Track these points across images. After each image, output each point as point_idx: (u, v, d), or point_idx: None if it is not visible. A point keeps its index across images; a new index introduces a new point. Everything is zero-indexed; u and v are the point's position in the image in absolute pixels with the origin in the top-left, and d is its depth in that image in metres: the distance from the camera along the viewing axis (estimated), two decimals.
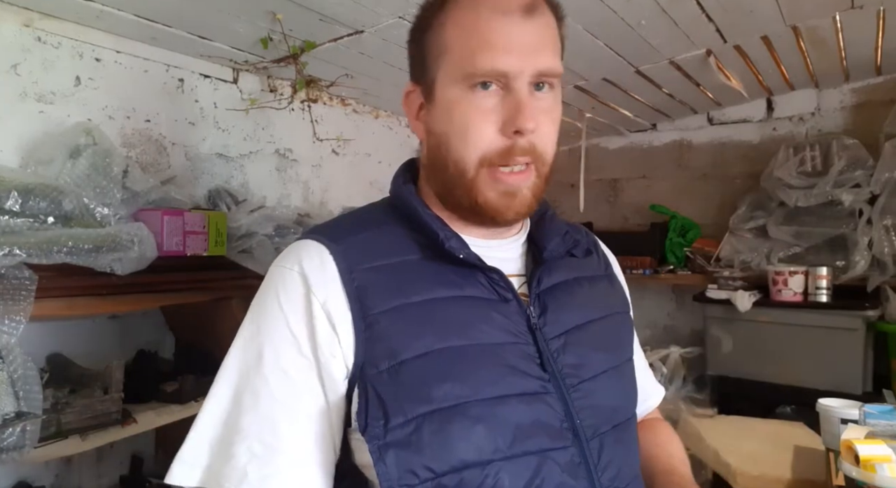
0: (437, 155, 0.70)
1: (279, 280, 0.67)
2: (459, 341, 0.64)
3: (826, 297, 2.08)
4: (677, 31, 1.72)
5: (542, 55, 0.66)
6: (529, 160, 0.67)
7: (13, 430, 1.00)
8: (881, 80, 2.31)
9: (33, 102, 1.34)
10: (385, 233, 0.70)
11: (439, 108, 0.69)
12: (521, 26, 0.65)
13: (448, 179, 0.69)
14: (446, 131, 0.68)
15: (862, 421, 1.20)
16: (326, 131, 2.05)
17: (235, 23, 1.44)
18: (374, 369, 0.62)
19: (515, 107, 0.65)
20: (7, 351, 1.02)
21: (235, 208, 1.63)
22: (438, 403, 0.61)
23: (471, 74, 0.64)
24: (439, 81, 0.68)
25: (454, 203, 0.71)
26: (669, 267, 2.57)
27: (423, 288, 0.66)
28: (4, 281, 1.03)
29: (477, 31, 0.65)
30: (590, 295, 0.78)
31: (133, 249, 1.20)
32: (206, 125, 1.71)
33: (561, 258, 0.77)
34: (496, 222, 0.71)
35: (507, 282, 0.69)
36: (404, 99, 0.75)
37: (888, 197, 2.07)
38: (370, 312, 0.63)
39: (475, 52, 0.64)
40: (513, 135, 0.65)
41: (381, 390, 0.61)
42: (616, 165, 2.94)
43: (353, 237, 0.69)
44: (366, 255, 0.67)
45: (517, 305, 0.69)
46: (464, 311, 0.66)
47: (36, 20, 1.33)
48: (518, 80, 0.65)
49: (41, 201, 1.14)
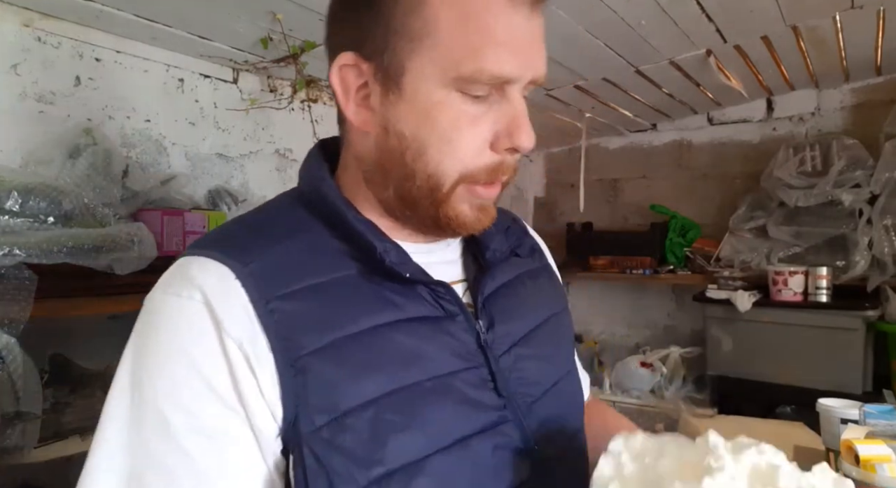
0: (400, 161, 0.56)
1: (175, 313, 0.51)
2: (411, 377, 0.53)
3: (826, 297, 2.08)
4: (677, 31, 1.72)
5: (540, 58, 0.56)
6: (509, 178, 0.59)
7: (13, 430, 1.00)
8: (881, 80, 2.31)
9: (33, 102, 1.34)
10: (302, 242, 0.56)
11: (410, 105, 0.54)
12: (528, 22, 0.53)
13: (411, 190, 0.57)
14: (421, 137, 0.54)
15: (862, 421, 1.20)
16: (326, 131, 2.03)
17: (235, 23, 1.44)
18: (311, 426, 0.49)
19: (513, 120, 0.55)
20: (7, 351, 1.02)
21: (235, 208, 1.63)
22: (396, 462, 0.50)
23: (470, 76, 0.52)
24: (414, 71, 0.53)
25: (411, 215, 0.59)
26: (669, 267, 2.57)
27: (359, 314, 0.53)
28: (4, 281, 1.03)
29: (479, 22, 0.51)
30: (532, 294, 0.70)
31: (133, 249, 1.20)
32: (206, 125, 1.71)
33: (504, 260, 0.68)
34: (456, 234, 0.62)
35: (453, 295, 0.59)
36: (336, 71, 0.57)
37: (888, 197, 2.07)
38: (299, 354, 0.50)
39: (479, 48, 0.51)
40: (504, 151, 0.56)
41: (321, 454, 0.48)
42: (616, 165, 2.94)
43: (262, 251, 0.53)
44: (283, 276, 0.52)
45: (464, 320, 0.59)
46: (410, 338, 0.55)
47: (36, 20, 1.33)
48: (516, 87, 0.55)
49: (41, 201, 1.14)
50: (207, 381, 0.49)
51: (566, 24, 1.58)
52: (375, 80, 0.55)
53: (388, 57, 0.54)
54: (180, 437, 0.48)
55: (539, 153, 3.15)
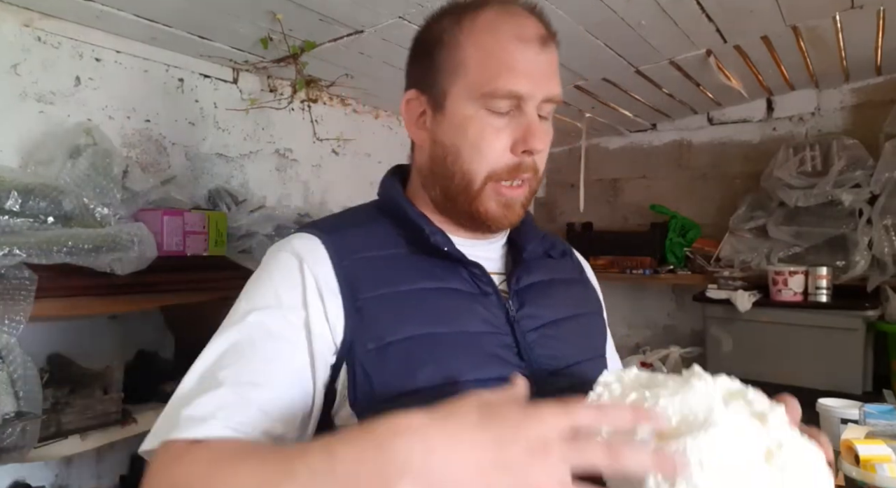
0: (443, 164, 0.74)
1: (273, 261, 0.72)
2: (442, 328, 0.69)
3: (826, 297, 2.07)
4: (677, 31, 1.72)
5: (552, 82, 0.72)
6: (530, 177, 0.73)
7: (13, 430, 1.00)
8: (881, 80, 2.31)
9: (33, 102, 1.34)
10: (373, 229, 0.76)
11: (450, 122, 0.73)
12: (538, 55, 0.70)
13: (451, 188, 0.74)
14: (457, 144, 0.72)
15: (862, 421, 1.21)
16: (326, 131, 2.05)
17: (235, 23, 1.44)
18: (363, 348, 0.66)
19: (527, 128, 0.70)
20: (7, 351, 1.02)
21: (235, 208, 1.63)
22: (419, 383, 0.65)
23: (489, 94, 0.69)
24: (453, 96, 0.72)
25: (452, 209, 0.76)
26: (669, 267, 2.57)
27: (409, 278, 0.71)
28: (4, 281, 1.03)
29: (497, 55, 0.70)
30: (564, 295, 0.83)
31: (133, 249, 1.20)
32: (206, 125, 1.71)
33: (539, 259, 0.83)
34: (490, 229, 0.77)
35: (487, 277, 0.75)
36: (405, 105, 0.78)
37: (888, 197, 2.07)
38: (359, 297, 0.68)
39: (495, 75, 0.69)
40: (521, 154, 0.71)
41: (368, 368, 0.66)
42: (616, 165, 2.94)
43: (343, 231, 0.74)
44: (355, 247, 0.72)
45: (497, 299, 0.74)
46: (447, 302, 0.71)
47: (36, 20, 1.33)
48: (530, 104, 0.70)
49: (41, 201, 1.14)
50: (280, 299, 0.67)
51: (566, 24, 1.58)
52: (429, 106, 0.75)
53: (436, 88, 0.73)
54: (252, 330, 0.65)
55: None
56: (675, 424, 0.51)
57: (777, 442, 0.51)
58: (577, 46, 1.72)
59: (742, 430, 0.50)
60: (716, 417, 0.50)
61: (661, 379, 0.58)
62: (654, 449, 0.49)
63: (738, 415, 0.52)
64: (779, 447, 0.51)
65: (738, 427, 0.50)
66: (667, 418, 0.51)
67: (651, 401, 0.53)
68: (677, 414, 0.52)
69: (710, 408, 0.51)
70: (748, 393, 0.56)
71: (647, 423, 0.49)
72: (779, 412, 0.54)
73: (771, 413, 0.53)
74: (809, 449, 0.53)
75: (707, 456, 0.48)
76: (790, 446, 0.51)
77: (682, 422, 0.51)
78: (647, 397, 0.54)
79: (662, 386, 0.55)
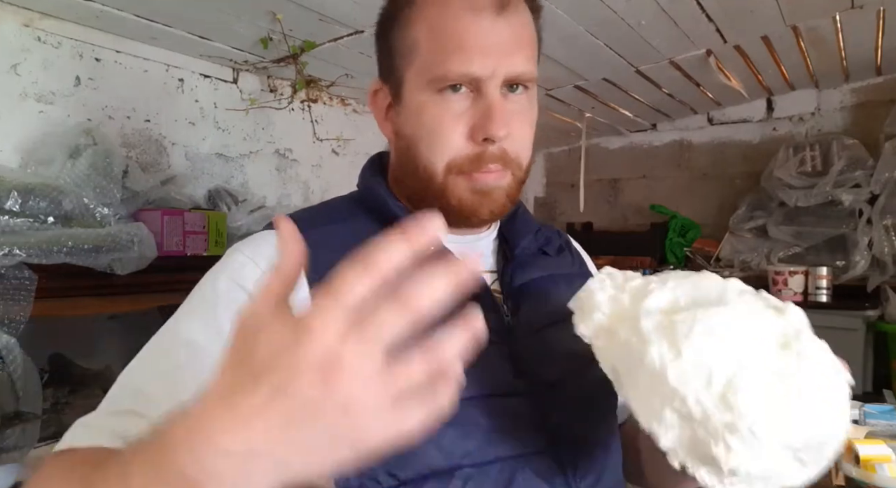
0: (407, 158, 0.66)
1: (229, 264, 0.64)
2: None
3: (826, 297, 2.08)
4: (677, 31, 1.72)
5: (515, 57, 0.62)
6: (500, 167, 0.64)
7: (13, 430, 1.00)
8: (881, 80, 2.31)
9: (33, 102, 1.34)
10: (350, 226, 0.66)
11: (408, 111, 0.65)
12: (494, 25, 0.61)
13: (418, 183, 0.66)
14: (416, 134, 0.64)
15: (862, 421, 1.21)
16: (326, 131, 2.05)
17: (235, 23, 1.44)
18: None
19: (485, 112, 0.61)
20: (7, 351, 1.02)
21: (235, 208, 1.63)
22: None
23: (440, 78, 0.61)
24: (408, 82, 0.64)
25: (425, 205, 0.66)
26: (670, 267, 2.57)
27: None
28: (4, 281, 1.03)
29: (446, 31, 0.61)
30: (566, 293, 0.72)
31: (133, 249, 1.20)
32: (206, 125, 1.71)
33: (533, 255, 0.74)
34: (470, 222, 0.68)
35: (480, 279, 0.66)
36: (371, 97, 0.70)
37: (888, 197, 2.07)
38: None
39: (445, 55, 0.60)
40: (482, 142, 0.62)
41: None
42: (616, 165, 2.94)
43: (314, 229, 0.62)
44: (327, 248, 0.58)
45: (490, 302, 0.66)
46: None
47: (36, 20, 1.33)
48: (489, 84, 0.61)
49: (41, 201, 1.14)
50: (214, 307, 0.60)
51: (566, 24, 1.58)
52: (391, 96, 0.67)
53: (395, 75, 0.66)
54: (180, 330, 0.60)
55: (539, 153, 3.15)
56: (684, 304, 0.46)
57: (796, 331, 0.46)
58: (577, 46, 1.72)
59: (758, 313, 0.45)
60: (728, 300, 0.45)
61: (678, 272, 0.52)
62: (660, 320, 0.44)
63: (752, 303, 0.47)
64: (797, 336, 0.45)
65: (754, 309, 0.46)
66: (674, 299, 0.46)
67: (658, 284, 0.48)
68: (685, 296, 0.46)
69: (721, 293, 0.47)
70: (762, 293, 0.51)
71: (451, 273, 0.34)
72: (797, 311, 0.49)
73: (791, 307, 0.48)
74: (830, 354, 0.48)
75: (718, 328, 0.43)
76: (810, 339, 0.46)
77: (692, 303, 0.46)
78: (652, 281, 0.48)
79: (672, 275, 0.50)
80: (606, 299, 0.49)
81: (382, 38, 0.68)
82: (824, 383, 0.45)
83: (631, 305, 0.47)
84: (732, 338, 0.42)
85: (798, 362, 0.43)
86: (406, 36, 0.64)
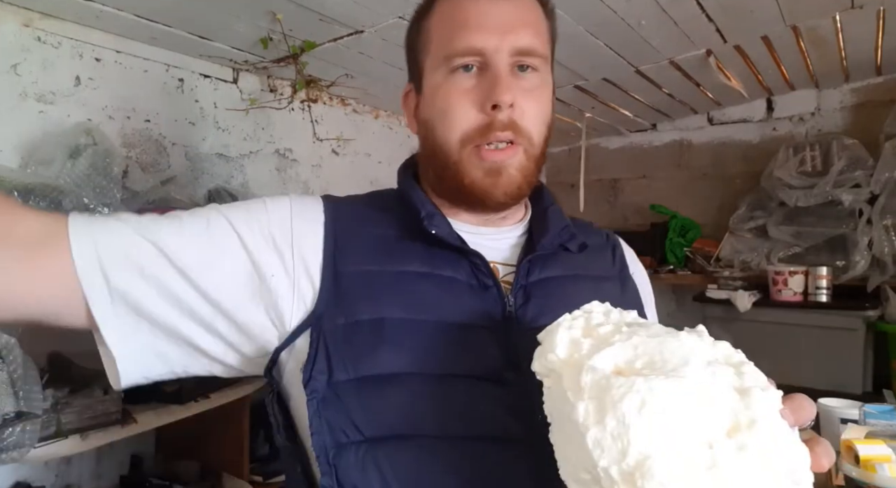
0: (426, 143, 0.71)
1: (271, 197, 0.70)
2: (419, 315, 0.63)
3: (826, 297, 2.08)
4: (677, 31, 1.72)
5: (520, 33, 0.66)
6: (511, 137, 0.66)
7: (13, 430, 1.00)
8: (881, 80, 2.31)
9: (33, 102, 1.34)
10: (379, 210, 0.72)
11: (425, 98, 0.70)
12: (497, 5, 0.66)
13: (438, 165, 0.70)
14: (431, 118, 0.69)
15: (862, 421, 1.20)
16: (326, 131, 2.05)
17: (235, 23, 1.44)
18: (331, 323, 0.62)
19: (492, 82, 0.65)
20: (7, 351, 1.02)
21: None
22: (381, 369, 0.60)
23: (449, 56, 0.66)
24: (426, 71, 0.70)
25: (447, 191, 0.72)
26: (669, 267, 2.57)
27: (397, 260, 0.66)
28: None
29: (454, 16, 0.67)
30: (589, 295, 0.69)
31: None
32: (206, 125, 1.71)
33: (554, 253, 0.73)
34: (486, 205, 0.70)
35: (488, 268, 0.67)
36: (403, 99, 0.76)
37: (888, 197, 2.07)
38: (339, 269, 0.64)
39: (452, 35, 0.66)
40: (490, 110, 0.65)
41: (330, 345, 0.61)
42: (616, 165, 2.94)
43: (349, 205, 0.72)
44: (353, 221, 0.69)
45: (497, 293, 0.66)
46: (433, 289, 0.65)
47: (36, 20, 1.33)
48: (495, 57, 0.65)
49: (41, 201, 1.14)
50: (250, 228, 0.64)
51: (566, 24, 1.58)
52: (415, 92, 0.73)
53: (417, 70, 0.72)
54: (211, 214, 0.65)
55: None
56: (638, 366, 0.43)
57: (750, 420, 0.41)
58: (577, 46, 1.72)
59: (711, 393, 0.41)
60: (686, 371, 0.42)
61: (658, 327, 0.49)
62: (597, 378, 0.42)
63: (715, 378, 0.43)
64: (750, 425, 0.41)
65: (707, 387, 0.41)
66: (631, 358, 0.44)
67: (621, 337, 0.45)
68: (645, 356, 0.44)
69: (684, 361, 0.43)
70: (744, 367, 0.46)
71: None
72: (771, 396, 0.44)
73: (759, 392, 0.43)
74: (792, 446, 0.42)
75: (652, 401, 0.39)
76: (765, 430, 0.41)
77: (646, 366, 0.43)
78: (622, 331, 0.46)
79: (647, 329, 0.47)
80: (568, 341, 0.47)
81: (408, 45, 0.75)
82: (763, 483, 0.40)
83: (587, 354, 0.45)
84: (663, 416, 0.39)
85: (736, 455, 0.39)
86: (423, 31, 0.71)
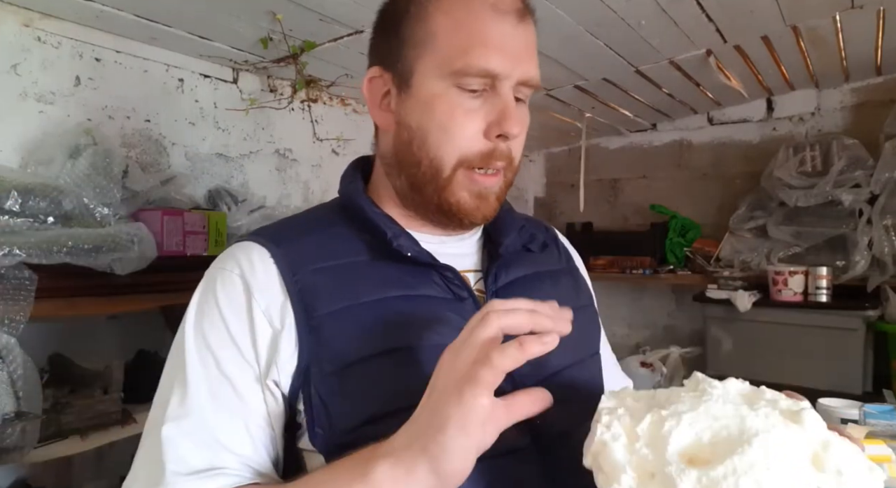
0: (409, 150, 0.66)
1: (219, 283, 0.64)
2: (410, 342, 0.61)
3: (826, 297, 2.08)
4: (677, 31, 1.72)
5: (529, 63, 0.65)
6: (504, 166, 0.66)
7: (13, 430, 1.00)
8: (881, 80, 2.31)
9: (33, 102, 1.34)
10: (332, 234, 0.68)
11: (417, 101, 0.65)
12: (515, 29, 0.63)
13: (418, 176, 0.66)
14: (424, 126, 0.64)
15: (862, 421, 1.20)
16: (326, 131, 2.05)
17: (235, 23, 1.44)
18: (320, 374, 0.59)
19: (503, 110, 0.63)
20: (7, 351, 1.02)
21: (235, 208, 1.63)
22: (386, 407, 0.58)
23: (461, 70, 0.61)
24: (420, 72, 0.64)
25: (420, 201, 0.68)
26: (669, 267, 2.57)
27: (371, 288, 0.63)
28: (4, 281, 1.03)
29: (470, 27, 0.62)
30: (552, 291, 0.73)
31: (133, 249, 1.20)
32: (206, 125, 1.71)
33: (517, 253, 0.74)
34: (462, 224, 0.69)
35: (461, 280, 0.66)
36: (367, 84, 0.70)
37: (888, 197, 2.07)
38: (314, 314, 0.60)
39: (468, 48, 0.61)
40: (495, 138, 0.64)
41: (325, 397, 0.59)
42: (616, 165, 2.94)
43: (296, 239, 0.66)
44: (309, 257, 0.64)
45: (473, 304, 0.66)
46: (416, 311, 0.63)
47: (36, 20, 1.33)
48: (505, 84, 0.63)
49: (41, 201, 1.14)
50: (232, 336, 0.61)
51: (566, 24, 1.58)
52: (394, 85, 0.67)
53: (402, 64, 0.65)
54: (211, 374, 0.60)
55: (539, 153, 3.15)
56: (706, 442, 0.45)
57: (822, 443, 0.45)
58: (577, 46, 1.72)
59: (783, 436, 0.44)
60: (749, 425, 0.45)
61: (664, 394, 0.52)
62: (697, 477, 0.42)
63: (771, 419, 0.46)
64: (825, 448, 0.45)
65: (779, 433, 0.45)
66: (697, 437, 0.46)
67: (672, 421, 0.46)
68: (709, 430, 0.46)
69: (740, 417, 0.46)
70: (766, 394, 0.50)
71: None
72: (807, 407, 0.48)
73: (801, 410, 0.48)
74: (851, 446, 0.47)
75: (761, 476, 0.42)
76: (836, 445, 0.45)
77: (715, 439, 0.45)
78: (665, 416, 0.47)
79: (676, 402, 0.49)
80: (624, 453, 0.47)
81: (388, 28, 0.68)
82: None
83: (654, 457, 0.45)
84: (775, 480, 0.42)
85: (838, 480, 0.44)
86: (421, 27, 0.64)
